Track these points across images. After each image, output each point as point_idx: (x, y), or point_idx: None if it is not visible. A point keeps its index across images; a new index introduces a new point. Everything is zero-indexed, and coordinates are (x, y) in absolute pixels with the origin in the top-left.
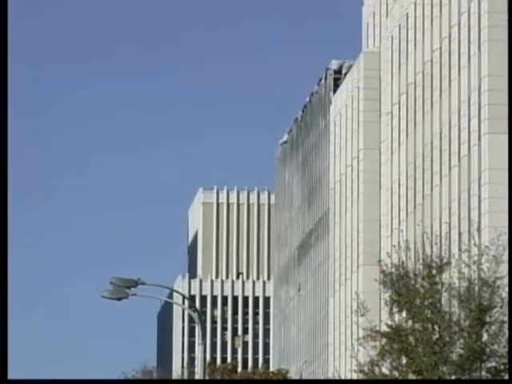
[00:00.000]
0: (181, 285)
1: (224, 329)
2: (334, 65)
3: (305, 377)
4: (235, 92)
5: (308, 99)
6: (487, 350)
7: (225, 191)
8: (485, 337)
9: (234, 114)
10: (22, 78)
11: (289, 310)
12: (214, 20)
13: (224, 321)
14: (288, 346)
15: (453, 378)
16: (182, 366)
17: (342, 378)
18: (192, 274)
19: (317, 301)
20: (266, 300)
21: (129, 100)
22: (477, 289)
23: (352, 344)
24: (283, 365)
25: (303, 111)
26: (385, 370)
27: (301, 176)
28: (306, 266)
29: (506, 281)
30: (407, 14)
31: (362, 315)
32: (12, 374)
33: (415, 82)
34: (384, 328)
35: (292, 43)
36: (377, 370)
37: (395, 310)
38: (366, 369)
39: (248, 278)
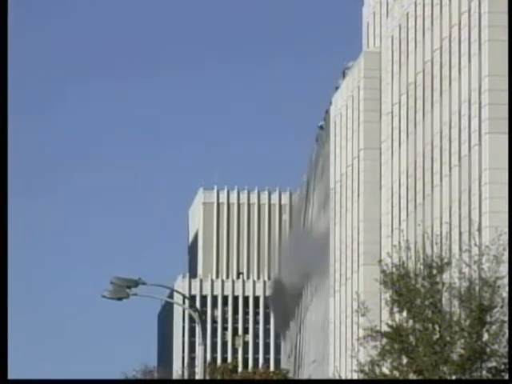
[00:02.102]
0: (181, 285)
1: (224, 329)
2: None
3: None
4: (236, 93)
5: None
6: (488, 349)
7: (225, 191)
8: (485, 337)
9: (235, 115)
10: (22, 77)
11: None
12: (215, 21)
13: (224, 321)
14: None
15: (453, 377)
16: (183, 366)
17: (343, 377)
18: (192, 273)
19: (321, 301)
20: (267, 300)
21: (129, 99)
22: (477, 289)
23: (352, 344)
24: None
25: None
26: (385, 370)
27: (318, 180)
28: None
29: (506, 281)
30: (407, 14)
31: (363, 315)
32: (12, 374)
33: (415, 82)
34: (384, 328)
35: (291, 43)
36: (377, 369)
37: (396, 309)
38: (366, 369)
39: (248, 277)
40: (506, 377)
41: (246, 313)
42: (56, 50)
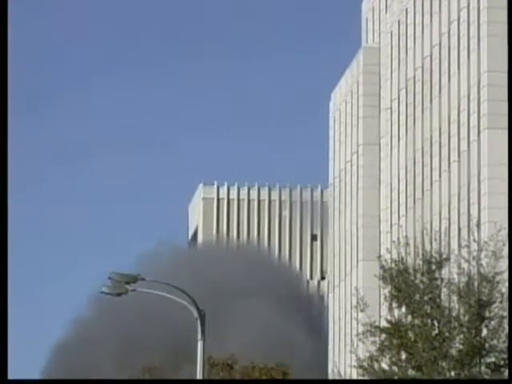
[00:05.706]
0: None
1: None
2: None
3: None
4: (235, 89)
5: None
6: (487, 345)
7: (225, 187)
8: (484, 332)
9: (235, 110)
10: (22, 74)
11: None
12: (213, 18)
13: None
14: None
15: (452, 373)
16: None
17: (342, 373)
18: None
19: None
20: None
21: (128, 94)
22: (476, 284)
23: (351, 339)
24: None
25: None
26: (384, 366)
27: None
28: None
29: (505, 276)
30: (407, 10)
31: (362, 311)
32: (12, 374)
33: (415, 78)
34: (383, 323)
35: (290, 38)
36: (376, 365)
37: (395, 305)
38: (365, 364)
39: None
40: (506, 372)
41: None
42: (55, 48)
